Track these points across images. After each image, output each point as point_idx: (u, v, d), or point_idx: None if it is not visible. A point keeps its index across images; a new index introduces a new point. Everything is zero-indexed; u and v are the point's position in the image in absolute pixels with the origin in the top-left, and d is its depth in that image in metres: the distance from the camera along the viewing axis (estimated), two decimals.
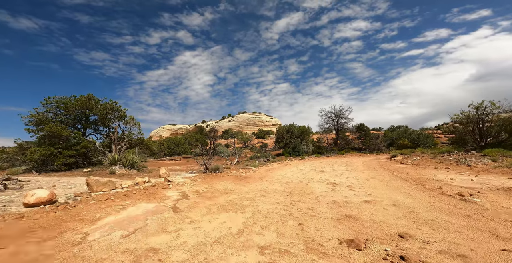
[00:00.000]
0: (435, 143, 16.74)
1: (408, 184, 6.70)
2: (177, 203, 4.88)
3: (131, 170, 9.37)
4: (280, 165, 15.12)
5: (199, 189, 6.38)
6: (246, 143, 43.79)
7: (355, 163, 14.14)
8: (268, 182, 8.00)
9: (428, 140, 16.58)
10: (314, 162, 16.96)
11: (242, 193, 6.14)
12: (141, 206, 4.48)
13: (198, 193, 5.92)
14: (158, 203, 4.75)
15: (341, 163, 14.41)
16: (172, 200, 5.09)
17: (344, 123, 27.77)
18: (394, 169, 10.05)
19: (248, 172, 11.31)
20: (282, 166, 14.16)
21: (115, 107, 12.39)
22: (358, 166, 12.29)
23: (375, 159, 16.33)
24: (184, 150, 28.59)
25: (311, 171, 10.77)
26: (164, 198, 5.22)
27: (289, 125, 32.89)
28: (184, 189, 6.30)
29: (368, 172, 9.57)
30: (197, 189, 6.37)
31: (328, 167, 12.58)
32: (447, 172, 8.42)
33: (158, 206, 4.53)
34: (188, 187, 6.59)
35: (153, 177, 8.28)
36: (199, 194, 5.82)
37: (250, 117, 72.72)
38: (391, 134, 37.50)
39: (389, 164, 12.02)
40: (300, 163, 16.17)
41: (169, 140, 28.63)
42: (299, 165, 14.77)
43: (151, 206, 4.54)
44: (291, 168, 12.88)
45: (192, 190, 6.23)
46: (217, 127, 72.98)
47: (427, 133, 20.45)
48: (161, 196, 5.32)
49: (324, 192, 6.14)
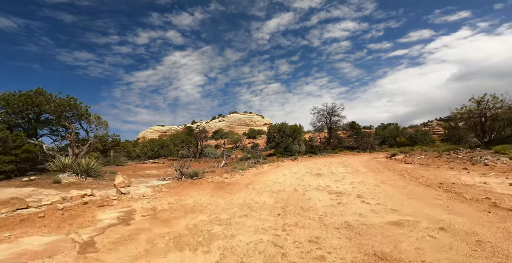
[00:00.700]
0: (432, 140, 15.64)
1: (434, 191, 5.15)
2: (102, 233, 3.07)
3: (84, 178, 7.40)
4: (271, 167, 13.44)
5: (157, 205, 4.56)
6: (237, 143, 41.94)
7: (353, 163, 12.67)
8: (255, 191, 6.28)
9: (426, 137, 15.45)
10: (308, 162, 15.40)
11: (216, 210, 4.38)
12: (23, 243, 2.65)
13: (152, 213, 4.12)
14: (66, 235, 2.92)
15: (337, 164, 12.90)
16: (99, 227, 3.27)
17: (337, 121, 26.54)
18: (402, 170, 8.58)
19: (234, 176, 9.55)
20: (273, 168, 12.48)
21: (73, 104, 10.29)
22: (358, 166, 10.79)
23: (372, 158, 14.97)
24: (170, 152, 26.44)
25: (307, 175, 9.14)
26: (89, 223, 3.39)
27: (281, 124, 31.34)
28: (136, 206, 4.47)
29: (373, 175, 8.03)
30: (154, 206, 4.56)
31: (324, 168, 11.00)
32: (468, 173, 6.99)
33: (59, 242, 2.71)
34: (144, 202, 4.76)
35: (108, 188, 6.37)
36: (153, 214, 4.02)
37: (241, 117, 70.86)
38: (383, 132, 36.72)
39: (392, 164, 10.59)
40: (293, 164, 14.55)
41: (153, 142, 26.40)
42: (292, 166, 13.15)
43: (46, 241, 2.72)
44: (284, 170, 11.22)
45: (147, 208, 4.41)
46: (207, 128, 70.64)
47: (425, 129, 19.52)
48: (87, 221, 3.49)
49: (329, 206, 4.48)
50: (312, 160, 17.91)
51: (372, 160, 13.41)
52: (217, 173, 11.30)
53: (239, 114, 72.96)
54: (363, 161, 13.33)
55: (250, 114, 73.62)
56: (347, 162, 13.33)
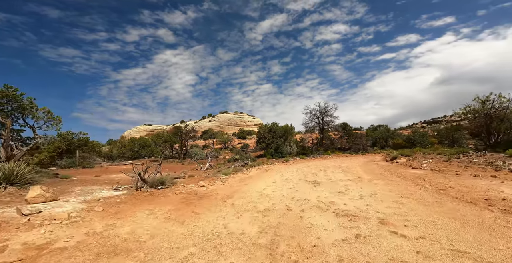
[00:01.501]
0: (431, 142, 14.50)
1: (487, 212, 3.55)
2: None
3: (4, 188, 5.34)
4: (259, 171, 11.67)
5: (58, 239, 2.66)
6: (226, 144, 39.96)
7: (351, 167, 11.13)
8: (235, 209, 4.48)
9: (424, 139, 14.29)
10: (301, 165, 13.77)
11: (158, 252, 2.55)
12: None
13: (31, 257, 2.23)
14: None
15: (334, 168, 11.33)
16: None
17: (330, 122, 25.23)
18: (415, 177, 7.05)
19: (213, 184, 7.71)
20: (261, 173, 10.74)
21: (12, 94, 8.04)
22: (359, 172, 9.23)
23: (370, 162, 13.55)
24: (151, 153, 24.13)
25: (301, 182, 7.45)
26: None
27: (272, 124, 29.72)
28: (17, 241, 2.56)
29: (383, 184, 6.44)
30: (52, 239, 2.65)
31: (321, 174, 9.37)
32: (503, 183, 5.52)
33: None
34: (41, 232, 2.84)
35: (17, 203, 4.37)
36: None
37: (231, 117, 68.80)
38: (374, 133, 35.91)
39: (398, 169, 9.11)
40: (284, 168, 12.87)
41: (133, 141, 24.01)
42: (283, 170, 11.45)
43: None
44: (273, 176, 9.50)
45: (34, 244, 2.50)
46: (196, 128, 68.09)
47: (423, 131, 18.57)
48: None
49: (343, 243, 2.75)
50: (305, 162, 16.32)
51: (371, 164, 11.94)
52: (196, 178, 9.42)
53: (230, 114, 70.87)
54: (361, 165, 11.83)
55: (241, 114, 71.70)
56: (344, 166, 11.79)
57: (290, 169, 11.57)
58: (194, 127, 70.31)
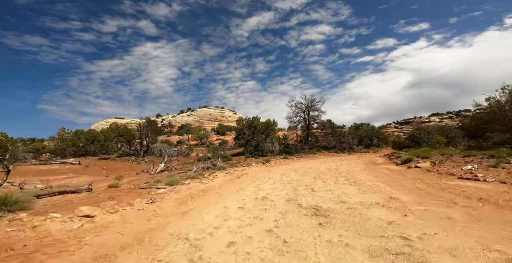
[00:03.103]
0: (439, 141, 11.92)
1: None
2: None
3: None
4: (227, 177, 7.89)
5: None
6: (202, 139, 35.54)
7: (356, 174, 7.76)
8: None
9: (431, 137, 11.64)
10: (286, 169, 10.23)
11: None
12: None
13: None
14: None
15: (332, 173, 7.90)
16: None
17: (316, 117, 22.13)
18: (499, 200, 3.74)
19: (122, 208, 3.80)
20: (228, 182, 6.97)
21: None
22: (377, 184, 5.82)
23: (371, 164, 10.41)
24: (102, 148, 19.17)
25: (291, 212, 3.84)
26: None
27: (252, 118, 25.98)
28: None
29: (463, 220, 3.00)
30: None
31: (318, 185, 5.84)
32: None
33: None
34: None
35: None
36: None
37: (212, 112, 63.93)
38: (359, 131, 33.73)
39: (433, 179, 5.86)
40: (264, 172, 9.23)
41: (78, 135, 18.89)
42: (262, 177, 7.79)
43: None
44: (245, 189, 5.79)
45: None
46: (173, 122, 62.35)
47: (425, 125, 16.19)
48: None
49: None
50: (290, 163, 12.83)
51: (378, 168, 8.70)
52: (103, 195, 5.34)
53: (210, 108, 65.90)
54: (366, 169, 8.55)
55: (222, 109, 67.06)
56: (343, 170, 8.42)
57: (271, 175, 7.92)
58: (171, 121, 64.46)
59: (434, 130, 12.97)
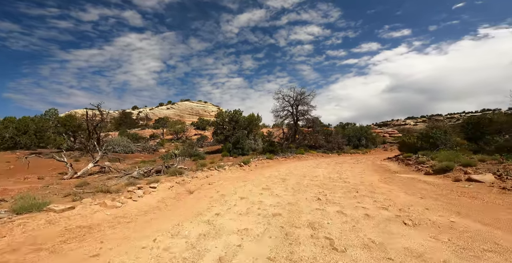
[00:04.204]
0: (459, 143, 9.67)
1: None
2: None
3: None
4: (168, 194, 4.63)
5: None
6: (179, 134, 31.55)
7: (377, 188, 4.89)
8: None
9: (448, 137, 9.26)
10: (269, 175, 7.17)
11: None
12: None
13: None
14: None
15: (341, 188, 5.00)
16: None
17: (305, 112, 19.37)
18: None
19: None
20: (157, 210, 3.71)
21: None
22: (450, 217, 2.91)
23: (383, 170, 7.73)
24: (40, 141, 14.83)
25: None
26: None
27: (234, 111, 22.68)
28: None
29: None
30: None
31: (333, 220, 2.82)
32: None
33: None
34: None
35: None
36: None
37: (193, 106, 59.36)
38: (347, 131, 31.74)
39: None
40: (236, 182, 6.07)
41: (6, 124, 14.38)
42: (230, 193, 4.63)
43: None
44: (174, 239, 2.56)
45: None
46: (150, 115, 56.94)
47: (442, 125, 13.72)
48: None
49: None
50: (274, 166, 9.79)
51: (399, 178, 5.94)
52: None
53: (192, 102, 61.22)
54: (385, 180, 5.74)
55: (205, 104, 62.66)
56: (353, 181, 5.53)
57: (246, 190, 4.77)
58: (148, 114, 58.89)
59: (450, 129, 10.68)
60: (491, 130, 14.78)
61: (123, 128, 38.77)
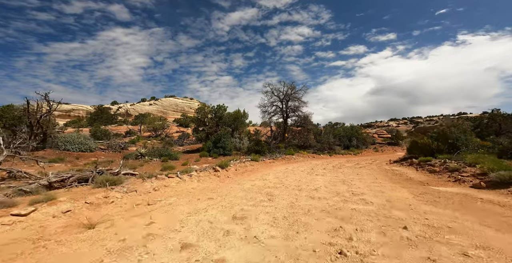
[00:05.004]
0: (481, 144, 8.03)
1: None
2: None
3: None
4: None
5: None
6: (157, 131, 28.55)
7: (421, 211, 2.88)
8: None
9: (470, 138, 7.58)
10: (249, 188, 4.99)
11: None
12: None
13: None
14: None
15: (371, 220, 2.91)
16: None
17: (296, 108, 17.37)
18: None
19: None
20: None
21: None
22: None
23: (402, 179, 5.86)
24: None
25: None
26: None
27: (217, 106, 20.31)
28: None
29: None
30: None
31: None
32: None
33: None
34: None
35: None
36: None
37: (178, 102, 55.87)
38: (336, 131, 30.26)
39: None
40: (196, 203, 3.80)
41: None
42: (171, 231, 2.34)
43: None
44: None
45: None
46: (131, 111, 52.79)
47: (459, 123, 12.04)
48: None
49: None
50: (259, 170, 7.56)
51: (432, 193, 4.02)
52: None
53: (177, 98, 57.64)
54: (421, 197, 3.77)
55: (191, 100, 59.33)
56: (376, 201, 3.51)
57: (200, 226, 2.53)
58: (128, 110, 54.62)
59: (469, 128, 9.02)
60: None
61: (97, 123, 34.96)
